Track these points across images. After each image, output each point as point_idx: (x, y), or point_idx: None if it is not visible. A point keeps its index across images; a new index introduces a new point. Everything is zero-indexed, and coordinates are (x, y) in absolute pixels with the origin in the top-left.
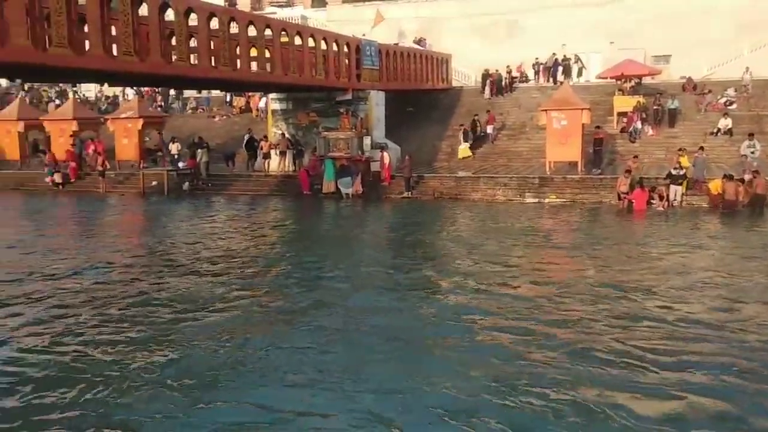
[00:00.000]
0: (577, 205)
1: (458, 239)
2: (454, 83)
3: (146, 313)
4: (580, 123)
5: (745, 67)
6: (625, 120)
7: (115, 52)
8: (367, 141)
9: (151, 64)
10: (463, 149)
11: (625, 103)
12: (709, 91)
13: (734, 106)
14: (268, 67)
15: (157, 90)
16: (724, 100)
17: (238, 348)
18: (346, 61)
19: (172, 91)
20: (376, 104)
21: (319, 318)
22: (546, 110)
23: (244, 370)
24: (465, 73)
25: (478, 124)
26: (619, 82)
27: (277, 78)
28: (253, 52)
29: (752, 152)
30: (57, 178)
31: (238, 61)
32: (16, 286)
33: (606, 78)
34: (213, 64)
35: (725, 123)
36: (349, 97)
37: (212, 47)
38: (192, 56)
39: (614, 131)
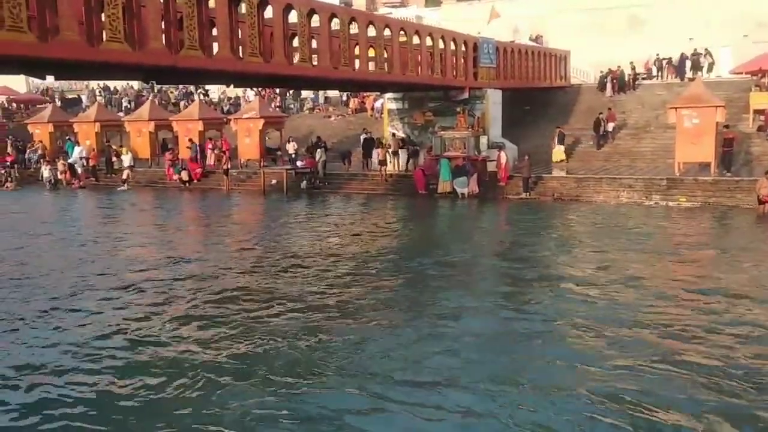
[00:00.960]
0: (710, 209)
1: (577, 244)
2: (573, 81)
3: (253, 308)
4: (714, 121)
5: None
6: (762, 118)
7: (241, 54)
8: (483, 140)
9: (274, 65)
10: (557, 152)
11: (763, 99)
12: None
13: None
14: (385, 66)
15: (275, 91)
16: None
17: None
18: (463, 59)
19: (290, 92)
20: (493, 103)
21: (436, 320)
22: (676, 108)
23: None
24: (584, 70)
25: (602, 123)
26: (755, 78)
27: (395, 77)
28: (371, 53)
29: None
30: (183, 175)
31: (357, 61)
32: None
33: (740, 73)
34: (333, 64)
35: None
36: (465, 95)
37: (332, 48)
38: (313, 57)
39: (750, 130)
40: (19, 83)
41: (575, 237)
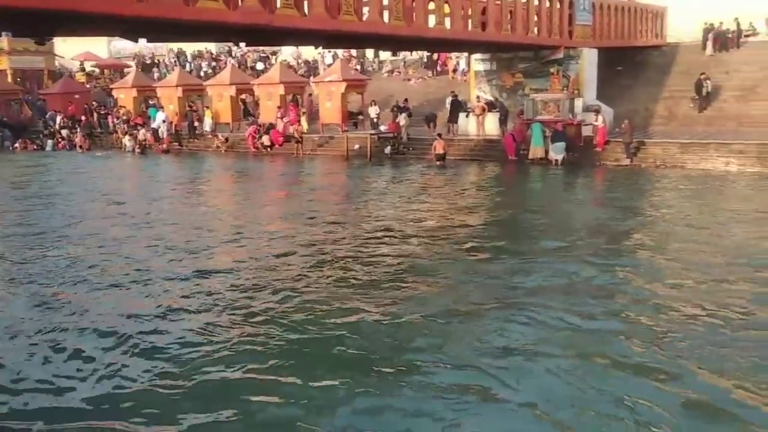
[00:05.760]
0: None
1: (686, 222)
2: (669, 39)
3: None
4: None
5: None
6: None
7: (335, 13)
8: (578, 103)
9: (369, 23)
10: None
11: None
12: None
13: None
14: (469, 24)
15: (352, 53)
16: None
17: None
18: (558, 17)
19: (369, 55)
20: (589, 63)
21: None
22: None
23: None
24: (681, 27)
25: (704, 85)
26: None
27: (489, 36)
28: (459, 11)
29: None
30: (265, 140)
31: (448, 19)
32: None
33: None
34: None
35: None
36: (559, 55)
37: (425, 6)
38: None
39: None
40: (100, 48)
41: (685, 216)
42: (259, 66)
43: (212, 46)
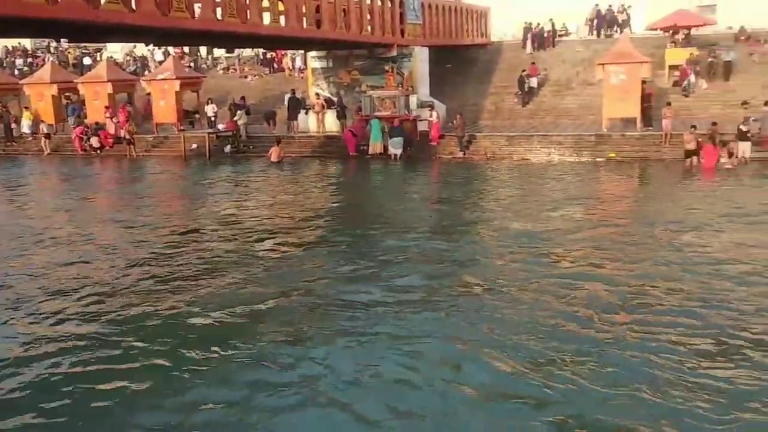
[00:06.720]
0: (639, 163)
1: (518, 206)
2: (493, 38)
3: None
4: (639, 77)
5: None
6: (677, 74)
7: (166, 9)
8: (413, 99)
9: (202, 21)
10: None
11: (677, 55)
12: (766, 41)
13: None
14: (304, 22)
15: (184, 50)
16: None
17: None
18: (390, 16)
19: (203, 52)
20: (421, 61)
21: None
22: (603, 64)
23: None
24: (503, 28)
25: (526, 80)
26: (667, 34)
27: (325, 34)
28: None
29: None
30: (94, 142)
31: (283, 17)
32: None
33: (656, 29)
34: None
35: None
36: (393, 53)
37: (259, 3)
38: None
39: (666, 85)
40: None
41: (515, 200)
42: (87, 61)
43: (27, 42)
